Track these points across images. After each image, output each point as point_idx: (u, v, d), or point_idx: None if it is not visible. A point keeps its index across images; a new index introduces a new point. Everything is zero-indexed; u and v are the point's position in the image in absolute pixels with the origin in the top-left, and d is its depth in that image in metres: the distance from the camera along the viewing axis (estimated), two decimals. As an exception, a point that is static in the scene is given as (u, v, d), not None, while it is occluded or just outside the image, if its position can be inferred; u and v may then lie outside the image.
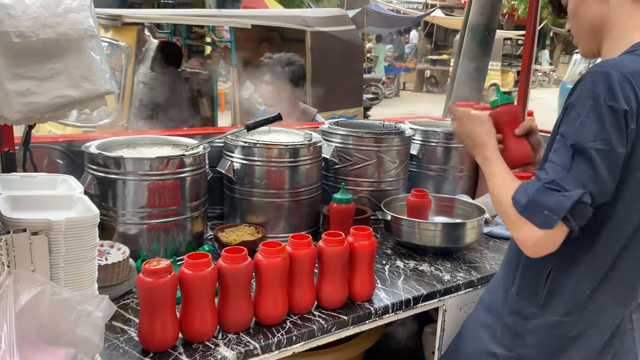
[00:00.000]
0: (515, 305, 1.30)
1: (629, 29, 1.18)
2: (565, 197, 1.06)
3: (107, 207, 1.62)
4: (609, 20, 1.20)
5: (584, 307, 1.21)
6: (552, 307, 1.24)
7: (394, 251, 1.89)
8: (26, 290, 0.93)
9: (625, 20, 1.18)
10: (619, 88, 1.04)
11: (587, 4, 1.22)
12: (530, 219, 1.10)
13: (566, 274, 1.21)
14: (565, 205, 1.06)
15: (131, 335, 1.28)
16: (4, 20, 0.77)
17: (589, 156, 1.06)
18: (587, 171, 1.06)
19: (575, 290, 1.21)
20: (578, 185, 1.06)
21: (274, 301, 1.35)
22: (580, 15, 1.25)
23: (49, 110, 0.86)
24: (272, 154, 1.84)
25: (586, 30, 1.25)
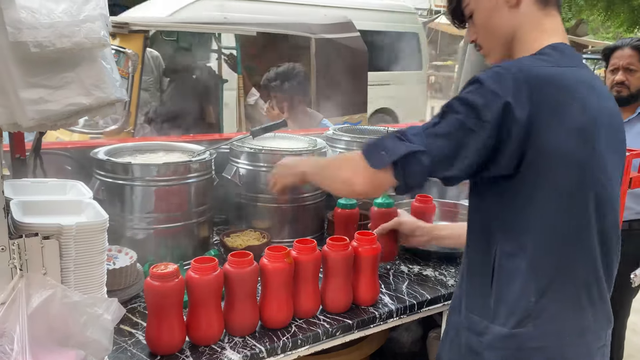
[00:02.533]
0: (467, 321, 1.24)
1: (538, 37, 1.18)
2: (404, 145, 1.09)
3: (115, 213, 1.64)
4: (520, 30, 1.20)
5: (537, 316, 1.14)
6: (501, 318, 1.16)
7: (398, 256, 1.90)
8: (38, 293, 0.95)
9: (535, 28, 1.19)
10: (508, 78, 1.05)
11: (498, 15, 1.21)
12: (368, 157, 1.15)
13: (508, 281, 1.16)
14: (401, 150, 1.09)
15: (139, 339, 1.30)
16: (23, 30, 0.79)
17: (451, 124, 1.08)
18: (440, 135, 1.08)
19: (520, 299, 1.14)
20: (423, 144, 1.08)
21: (279, 305, 1.37)
22: (493, 26, 1.23)
23: (61, 118, 0.88)
24: (277, 159, 1.85)
25: (500, 41, 1.24)
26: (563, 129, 1.08)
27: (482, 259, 1.20)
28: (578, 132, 1.09)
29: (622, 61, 2.56)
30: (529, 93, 1.05)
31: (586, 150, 1.11)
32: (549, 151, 1.08)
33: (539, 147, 1.07)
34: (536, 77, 1.07)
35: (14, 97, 0.84)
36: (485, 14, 1.23)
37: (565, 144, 1.08)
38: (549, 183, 1.10)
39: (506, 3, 1.20)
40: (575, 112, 1.09)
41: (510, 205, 1.14)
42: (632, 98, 2.59)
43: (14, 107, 0.85)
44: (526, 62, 1.12)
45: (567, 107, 1.08)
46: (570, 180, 1.11)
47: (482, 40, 1.28)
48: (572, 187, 1.12)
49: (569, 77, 1.12)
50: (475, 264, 1.24)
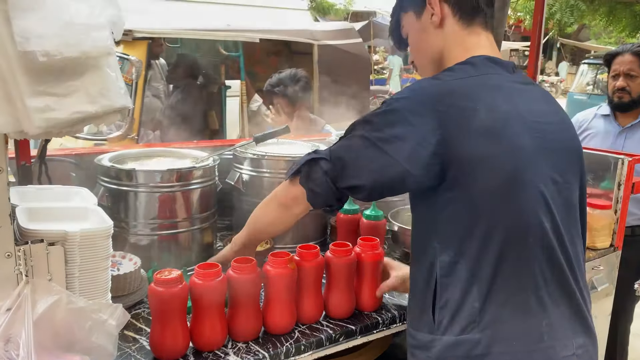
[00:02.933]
0: (415, 341, 1.23)
1: (462, 54, 1.23)
2: (309, 155, 1.22)
3: (119, 219, 1.65)
4: (445, 49, 1.26)
5: (479, 321, 1.12)
6: (446, 327, 1.15)
7: (401, 261, 1.90)
8: (43, 299, 0.96)
9: (459, 46, 1.24)
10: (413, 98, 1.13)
11: (425, 36, 1.28)
12: (286, 174, 1.28)
13: (451, 290, 1.15)
14: (303, 160, 1.23)
15: (143, 344, 1.30)
16: (31, 40, 0.81)
17: (355, 138, 1.17)
18: (343, 147, 1.19)
19: (464, 305, 1.13)
20: (326, 153, 1.20)
21: (283, 311, 1.37)
22: (422, 48, 1.30)
23: (67, 126, 0.89)
24: (280, 165, 1.86)
25: (428, 61, 1.30)
26: (472, 133, 1.10)
27: (424, 274, 1.20)
28: (487, 132, 1.10)
29: (623, 67, 2.57)
30: (432, 109, 1.10)
31: (502, 150, 1.11)
32: (465, 157, 1.10)
33: (456, 155, 1.09)
34: (439, 94, 1.12)
35: (20, 105, 0.86)
36: (415, 35, 1.31)
37: (478, 147, 1.10)
38: (475, 187, 1.11)
39: (431, 24, 1.26)
40: (482, 115, 1.10)
41: (443, 215, 1.15)
42: (634, 103, 2.60)
43: (20, 115, 0.86)
44: (430, 81, 1.19)
45: (472, 112, 1.10)
46: (496, 181, 1.11)
47: (416, 60, 1.34)
48: (501, 188, 1.11)
49: (470, 85, 1.15)
50: (418, 279, 1.24)
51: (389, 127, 1.12)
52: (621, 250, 2.17)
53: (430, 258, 1.18)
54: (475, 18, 1.25)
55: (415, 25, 1.29)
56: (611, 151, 2.23)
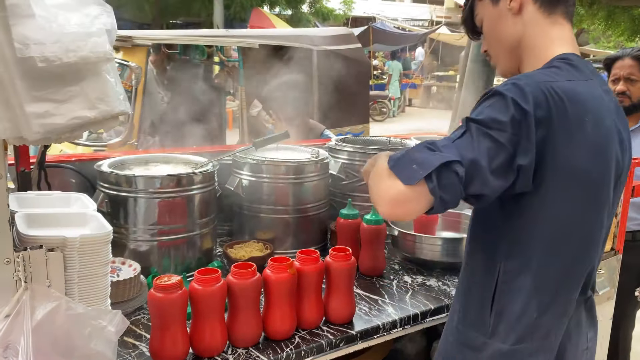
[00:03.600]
0: (463, 336, 1.23)
1: (547, 46, 1.17)
2: (436, 156, 1.00)
3: (119, 225, 1.65)
4: (525, 37, 1.19)
5: (533, 332, 1.15)
6: (501, 335, 1.16)
7: (402, 266, 1.90)
8: (42, 305, 0.96)
9: (542, 37, 1.18)
10: (529, 91, 1.03)
11: (502, 24, 1.21)
12: (398, 172, 1.02)
13: (512, 298, 1.15)
14: (433, 161, 0.99)
15: (142, 351, 1.30)
16: (30, 46, 0.81)
17: (479, 136, 1.02)
18: (470, 147, 1.01)
19: (523, 316, 1.14)
20: (456, 154, 1.00)
21: (283, 316, 1.37)
22: (497, 35, 1.24)
23: (66, 131, 0.89)
24: (280, 171, 1.86)
25: (504, 50, 1.23)
26: (578, 145, 1.06)
27: (483, 275, 1.19)
28: (593, 148, 1.08)
29: (623, 71, 2.58)
30: (547, 108, 1.03)
31: (600, 168, 1.11)
32: (564, 169, 1.06)
33: (554, 165, 1.05)
34: (552, 92, 1.04)
35: (19, 111, 0.86)
36: (491, 23, 1.24)
37: (580, 161, 1.07)
38: (563, 201, 1.09)
39: (509, 11, 1.19)
40: (589, 128, 1.07)
41: (519, 223, 1.12)
42: (635, 108, 2.60)
43: (19, 121, 0.86)
44: (541, 76, 1.09)
45: (582, 123, 1.07)
46: (584, 199, 1.11)
47: (490, 48, 1.28)
48: (587, 206, 1.12)
49: (581, 92, 1.09)
50: (475, 281, 1.23)
51: (511, 123, 1.01)
52: (622, 254, 2.17)
53: (494, 262, 1.17)
54: (557, 6, 1.19)
55: (491, 12, 1.23)
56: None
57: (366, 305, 1.59)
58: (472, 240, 1.26)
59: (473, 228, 1.25)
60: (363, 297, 1.64)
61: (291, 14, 13.74)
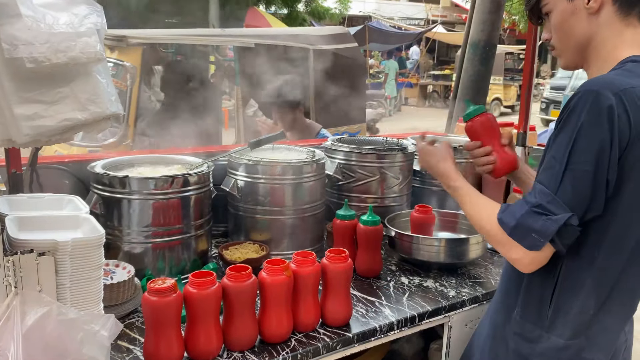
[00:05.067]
0: (519, 327, 1.26)
1: (618, 47, 1.17)
2: (551, 221, 1.08)
3: (113, 227, 1.63)
4: (597, 37, 1.19)
5: (589, 328, 1.19)
6: (558, 329, 1.20)
7: (399, 267, 1.89)
8: (33, 311, 0.94)
9: (614, 38, 1.17)
10: (606, 112, 1.04)
11: (575, 19, 1.20)
12: (520, 241, 1.13)
13: (571, 294, 1.18)
14: (551, 229, 1.08)
15: (136, 355, 1.28)
16: (19, 47, 0.79)
17: (577, 178, 1.07)
18: (574, 193, 1.08)
19: (580, 311, 1.18)
20: (564, 208, 1.08)
21: (279, 319, 1.35)
22: (567, 29, 1.22)
23: (56, 133, 0.87)
24: (276, 171, 1.85)
25: (572, 45, 1.22)
26: None
27: (544, 272, 1.20)
28: None
29: None
30: (627, 117, 1.04)
31: None
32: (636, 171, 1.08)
33: (629, 167, 1.07)
34: (632, 98, 1.05)
35: (8, 113, 0.84)
36: (562, 17, 1.22)
37: None
38: (632, 203, 1.11)
39: (586, 9, 1.18)
40: None
41: (588, 223, 1.13)
42: None
43: (8, 123, 0.85)
44: (617, 81, 1.08)
45: None
46: None
47: (556, 41, 1.26)
48: None
49: None
50: (535, 276, 1.23)
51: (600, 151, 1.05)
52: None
53: (555, 261, 1.17)
54: (633, 9, 1.17)
55: (565, 6, 1.20)
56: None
57: (363, 307, 1.57)
58: None
59: None
60: (360, 298, 1.63)
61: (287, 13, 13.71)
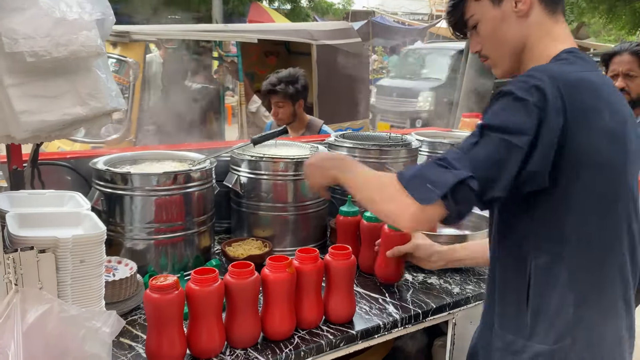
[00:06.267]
0: (501, 341, 1.20)
1: (550, 44, 1.16)
2: (450, 174, 1.01)
3: (115, 223, 1.62)
4: (530, 38, 1.17)
5: (573, 328, 1.12)
6: (540, 335, 1.13)
7: (403, 264, 1.87)
8: (33, 308, 0.93)
9: (546, 36, 1.17)
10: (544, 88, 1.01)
11: (506, 25, 1.18)
12: (413, 191, 1.04)
13: (547, 293, 1.13)
14: (447, 181, 1.00)
15: (139, 352, 1.27)
16: (19, 41, 0.78)
17: (494, 143, 1.01)
18: (484, 156, 1.02)
19: (560, 310, 1.12)
20: (469, 167, 1.00)
21: (282, 316, 1.34)
22: (500, 36, 1.19)
23: (56, 129, 0.86)
24: (279, 167, 1.84)
25: (508, 51, 1.20)
26: (596, 134, 1.05)
27: (514, 275, 1.17)
28: (610, 135, 1.07)
29: (622, 67, 2.52)
30: (562, 100, 1.02)
31: (620, 154, 1.09)
32: (584, 158, 1.05)
33: (574, 155, 1.04)
34: (567, 82, 1.03)
35: (7, 107, 0.83)
36: (493, 25, 1.20)
37: (600, 149, 1.06)
38: (586, 191, 1.08)
39: (515, 13, 1.17)
40: (606, 116, 1.06)
41: (544, 219, 1.11)
42: (634, 104, 2.55)
43: (7, 118, 0.84)
44: (554, 68, 1.08)
45: (598, 111, 1.06)
46: (607, 186, 1.09)
47: (488, 51, 1.24)
48: (611, 191, 1.10)
49: (594, 81, 1.09)
50: (506, 282, 1.20)
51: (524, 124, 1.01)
52: None
53: (525, 261, 1.14)
54: (558, 5, 1.18)
55: (492, 13, 1.19)
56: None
57: (366, 304, 1.56)
58: (498, 241, 1.23)
59: (497, 229, 1.23)
60: (363, 295, 1.62)
61: (290, 8, 13.68)
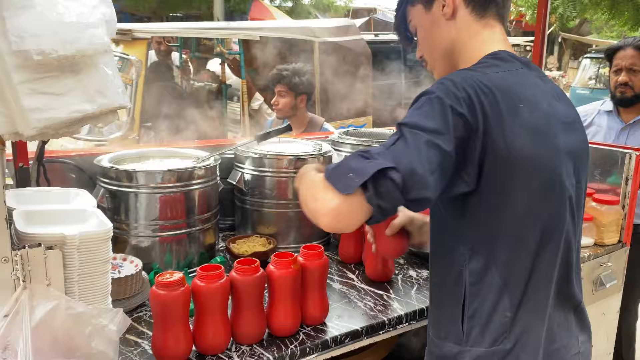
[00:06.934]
0: (439, 350, 1.19)
1: (478, 47, 1.18)
2: (372, 163, 0.97)
3: (120, 220, 1.63)
4: (459, 41, 1.20)
5: (509, 331, 1.11)
6: (477, 339, 1.12)
7: (407, 260, 1.88)
8: (41, 305, 0.94)
9: (473, 39, 1.19)
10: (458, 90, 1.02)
11: (436, 28, 1.21)
12: (334, 182, 0.99)
13: (482, 299, 1.12)
14: (368, 169, 0.96)
15: (145, 349, 1.28)
16: (26, 39, 0.78)
17: (414, 140, 0.99)
18: (405, 152, 0.98)
19: (495, 314, 1.11)
20: (391, 160, 0.97)
21: (287, 312, 1.34)
22: (431, 39, 1.23)
23: (64, 126, 0.87)
24: (282, 164, 1.84)
25: (440, 54, 1.23)
26: (516, 132, 1.04)
27: (450, 282, 1.16)
28: (532, 132, 1.07)
29: (625, 62, 2.53)
30: (478, 101, 1.02)
31: (546, 150, 1.08)
32: (507, 157, 1.04)
33: (497, 155, 1.04)
34: (481, 85, 1.04)
35: (15, 105, 0.83)
36: (425, 30, 1.24)
37: (522, 147, 1.05)
38: (513, 191, 1.07)
39: (442, 16, 1.20)
40: (525, 114, 1.06)
41: (475, 221, 1.10)
42: (637, 98, 2.56)
43: (15, 115, 0.84)
44: (467, 72, 1.09)
45: (516, 110, 1.06)
46: (536, 182, 1.08)
47: (426, 54, 1.27)
48: (540, 189, 1.09)
49: (511, 81, 1.10)
50: (442, 289, 1.20)
51: (443, 124, 1.00)
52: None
53: (458, 265, 1.14)
54: (488, 9, 1.20)
55: (424, 18, 1.23)
56: (618, 145, 2.20)
57: (371, 300, 1.56)
58: (433, 248, 1.23)
59: (432, 234, 1.23)
60: (368, 292, 1.62)
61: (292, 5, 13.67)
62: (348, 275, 1.73)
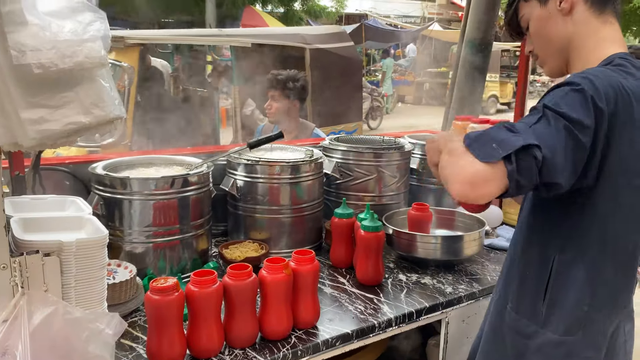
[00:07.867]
0: (514, 323, 1.26)
1: (597, 45, 1.18)
2: (518, 137, 0.98)
3: (114, 227, 1.65)
4: (576, 37, 1.20)
5: (584, 323, 1.18)
6: (552, 324, 1.19)
7: (397, 265, 1.91)
8: (39, 310, 0.96)
9: (592, 35, 1.19)
10: (602, 87, 1.03)
11: (551, 23, 1.21)
12: (475, 149, 1.00)
13: (565, 289, 1.18)
14: (514, 142, 0.97)
15: (139, 353, 1.30)
16: (27, 53, 0.81)
17: (557, 125, 1.00)
18: (548, 134, 0.99)
19: (575, 306, 1.17)
20: (535, 138, 0.98)
21: (279, 316, 1.37)
22: (546, 34, 1.23)
23: (62, 137, 0.89)
24: (274, 171, 1.87)
25: (553, 49, 1.23)
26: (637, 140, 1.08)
27: (538, 263, 1.21)
28: None
29: None
30: (615, 103, 1.04)
31: None
32: (625, 166, 1.09)
33: (617, 162, 1.07)
34: (622, 90, 1.06)
35: (14, 117, 0.86)
36: (540, 24, 1.24)
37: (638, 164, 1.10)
38: (622, 198, 1.12)
39: (559, 11, 1.20)
40: None
41: (576, 216, 1.15)
42: None
43: (14, 127, 0.87)
44: (610, 72, 1.09)
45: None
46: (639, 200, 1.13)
47: (538, 49, 1.27)
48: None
49: None
50: (529, 268, 1.24)
51: (586, 115, 1.01)
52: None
53: (549, 253, 1.19)
54: (607, 5, 1.19)
55: (539, 13, 1.23)
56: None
57: (362, 304, 1.60)
58: (527, 231, 1.27)
59: (528, 220, 1.27)
60: (358, 296, 1.65)
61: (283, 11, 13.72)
62: (339, 280, 1.77)
